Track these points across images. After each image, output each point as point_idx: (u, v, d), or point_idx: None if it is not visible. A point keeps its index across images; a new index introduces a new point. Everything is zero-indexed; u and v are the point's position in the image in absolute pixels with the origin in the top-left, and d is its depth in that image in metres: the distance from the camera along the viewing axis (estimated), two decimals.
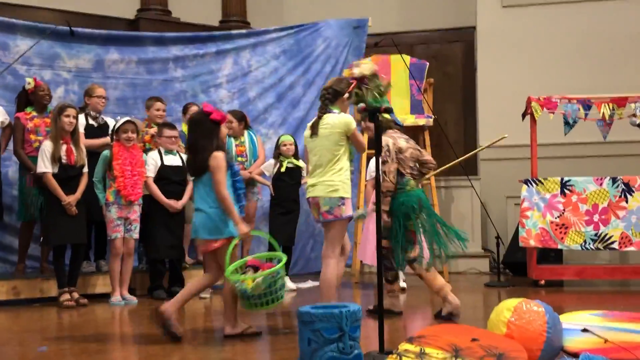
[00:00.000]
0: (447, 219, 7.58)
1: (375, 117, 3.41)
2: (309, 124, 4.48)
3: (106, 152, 5.66)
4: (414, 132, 7.30)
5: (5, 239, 6.15)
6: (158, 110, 6.33)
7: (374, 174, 6.44)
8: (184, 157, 6.10)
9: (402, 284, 6.19)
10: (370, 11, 8.20)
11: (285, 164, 6.36)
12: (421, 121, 7.02)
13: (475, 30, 8.31)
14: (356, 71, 4.54)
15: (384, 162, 4.57)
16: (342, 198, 4.23)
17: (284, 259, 4.05)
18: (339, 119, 4.29)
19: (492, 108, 7.99)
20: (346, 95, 4.39)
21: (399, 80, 7.11)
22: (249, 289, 3.88)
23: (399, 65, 7.13)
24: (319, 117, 4.37)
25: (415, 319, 4.89)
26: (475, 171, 8.05)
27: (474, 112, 8.39)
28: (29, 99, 5.92)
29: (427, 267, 4.69)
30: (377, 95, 4.56)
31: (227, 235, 4.01)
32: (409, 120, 6.93)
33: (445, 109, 8.41)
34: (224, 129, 4.13)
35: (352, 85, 4.45)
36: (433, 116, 7.12)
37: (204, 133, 4.04)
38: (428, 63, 7.27)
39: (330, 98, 4.35)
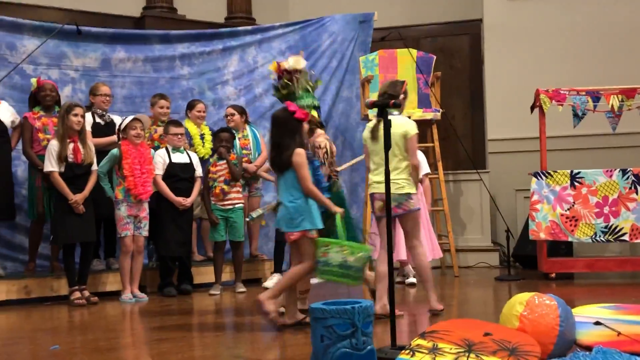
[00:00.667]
0: (456, 213, 7.59)
1: (385, 113, 3.40)
2: (369, 126, 4.65)
3: (115, 151, 5.67)
4: (421, 126, 7.25)
5: (16, 239, 6.17)
6: (162, 107, 6.36)
7: None
8: (191, 154, 6.12)
9: (412, 280, 6.18)
10: (376, 5, 8.17)
11: None
12: (429, 115, 7.00)
13: (481, 23, 8.26)
14: (289, 63, 4.62)
15: (321, 164, 4.53)
16: (409, 194, 4.51)
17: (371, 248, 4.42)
18: (399, 122, 4.45)
19: (500, 101, 7.95)
20: (402, 96, 4.50)
21: (405, 74, 7.07)
22: (351, 258, 4.05)
23: (405, 59, 7.10)
24: (378, 121, 4.47)
25: (426, 315, 4.87)
26: (483, 165, 8.02)
27: (481, 105, 8.36)
28: (37, 98, 5.95)
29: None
30: (308, 89, 4.64)
31: (302, 228, 4.17)
32: (417, 114, 6.90)
33: (452, 103, 8.38)
34: (305, 127, 4.30)
35: (385, 96, 4.46)
36: (441, 110, 7.09)
37: (288, 131, 4.21)
38: (435, 57, 7.24)
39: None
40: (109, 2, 8.04)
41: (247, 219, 5.45)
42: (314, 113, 4.59)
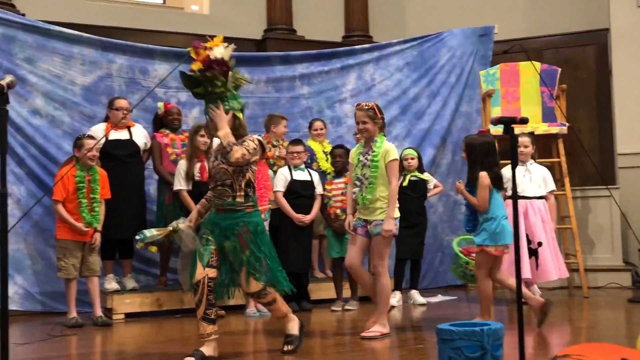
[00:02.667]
0: (585, 231, 7.25)
1: (511, 129, 3.31)
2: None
3: None
4: (545, 141, 7.06)
5: (148, 253, 6.47)
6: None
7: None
8: (312, 172, 6.21)
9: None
10: (496, 18, 8.01)
11: (408, 178, 6.31)
12: (554, 129, 6.75)
13: (608, 32, 7.90)
14: (217, 54, 3.81)
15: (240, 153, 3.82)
16: None
17: None
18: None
19: (630, 113, 7.55)
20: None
21: (529, 88, 6.89)
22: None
23: (528, 72, 6.90)
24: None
25: (554, 337, 4.68)
26: (613, 180, 7.63)
27: (609, 118, 7.97)
28: (163, 122, 6.28)
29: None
30: (237, 87, 4.01)
31: None
32: (541, 128, 6.68)
33: (577, 116, 8.05)
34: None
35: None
36: (567, 124, 6.82)
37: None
38: (560, 69, 6.99)
39: None
40: (232, 26, 8.35)
41: (137, 238, 4.43)
42: (240, 115, 3.98)
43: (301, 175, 6.10)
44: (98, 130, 5.89)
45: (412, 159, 6.34)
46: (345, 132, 7.31)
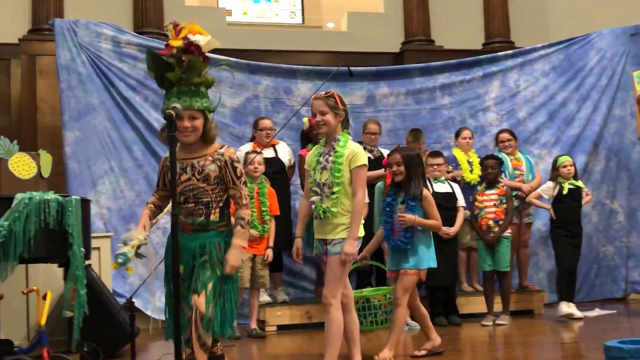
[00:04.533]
0: None
1: None
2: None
3: (380, 184, 5.91)
4: None
5: (296, 267, 6.63)
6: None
7: None
8: (453, 184, 6.12)
9: None
10: None
11: (566, 186, 6.05)
12: None
13: None
14: (198, 39, 3.26)
15: (240, 181, 3.32)
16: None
17: None
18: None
19: None
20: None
21: None
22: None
23: None
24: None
25: None
26: None
27: None
28: (308, 137, 6.43)
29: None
30: (209, 85, 3.37)
31: None
32: None
33: None
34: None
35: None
36: None
37: None
38: None
39: None
40: (369, 41, 8.45)
41: (119, 261, 3.24)
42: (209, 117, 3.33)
43: (442, 187, 6.03)
44: (245, 149, 6.14)
45: (571, 165, 6.10)
46: (489, 141, 7.15)
